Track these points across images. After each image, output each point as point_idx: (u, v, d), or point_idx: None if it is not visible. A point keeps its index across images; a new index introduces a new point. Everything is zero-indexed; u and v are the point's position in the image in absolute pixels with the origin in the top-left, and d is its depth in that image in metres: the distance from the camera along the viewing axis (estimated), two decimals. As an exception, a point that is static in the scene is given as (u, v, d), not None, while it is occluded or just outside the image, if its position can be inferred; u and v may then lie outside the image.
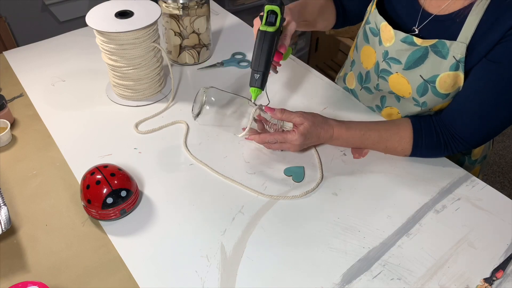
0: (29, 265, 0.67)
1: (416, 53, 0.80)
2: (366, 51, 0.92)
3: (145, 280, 0.65)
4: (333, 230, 0.73)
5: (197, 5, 1.01)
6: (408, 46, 0.81)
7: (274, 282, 0.66)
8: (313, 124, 0.80)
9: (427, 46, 0.79)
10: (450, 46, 0.76)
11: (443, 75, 0.79)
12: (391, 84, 0.88)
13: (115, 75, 0.95)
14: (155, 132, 0.91)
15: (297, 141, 0.79)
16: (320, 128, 0.81)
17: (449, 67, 0.78)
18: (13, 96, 1.00)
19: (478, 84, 0.75)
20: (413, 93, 0.85)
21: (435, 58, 0.79)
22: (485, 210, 0.76)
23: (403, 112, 0.91)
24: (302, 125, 0.79)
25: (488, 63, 0.74)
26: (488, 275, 0.67)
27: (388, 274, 0.67)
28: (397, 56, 0.83)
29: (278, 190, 0.79)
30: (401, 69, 0.84)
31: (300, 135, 0.78)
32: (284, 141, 0.79)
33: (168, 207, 0.76)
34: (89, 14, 0.90)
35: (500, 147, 2.21)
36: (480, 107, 0.76)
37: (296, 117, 0.80)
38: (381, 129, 0.83)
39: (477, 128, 0.79)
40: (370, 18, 0.89)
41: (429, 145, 0.81)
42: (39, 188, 0.79)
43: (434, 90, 0.82)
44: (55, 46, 1.16)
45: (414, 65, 0.82)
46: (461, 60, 0.76)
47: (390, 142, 0.82)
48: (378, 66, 0.89)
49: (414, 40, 0.79)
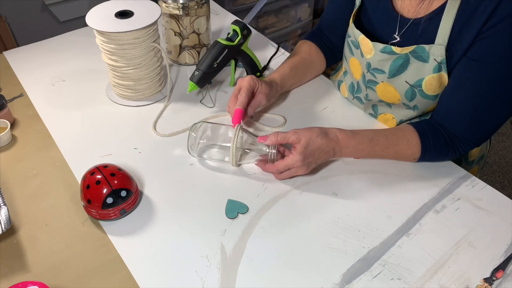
0: (29, 265, 0.67)
1: (398, 61, 0.80)
2: (353, 63, 0.92)
3: (145, 280, 0.65)
4: (333, 230, 0.73)
5: (197, 5, 1.01)
6: (388, 56, 0.81)
7: (274, 282, 0.66)
8: (310, 138, 0.76)
9: (407, 53, 0.79)
10: (430, 49, 0.76)
11: (427, 78, 0.79)
12: (379, 93, 0.88)
13: (115, 75, 0.95)
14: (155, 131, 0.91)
15: (299, 162, 0.76)
16: (320, 139, 0.77)
17: (432, 69, 0.78)
18: (13, 96, 1.00)
19: (466, 84, 0.75)
20: (402, 98, 0.85)
21: (417, 63, 0.79)
22: (485, 210, 0.76)
23: (397, 116, 0.91)
24: (298, 144, 0.76)
25: (470, 62, 0.74)
26: (488, 275, 0.67)
27: (388, 274, 0.67)
28: (380, 67, 0.83)
29: (278, 190, 0.79)
30: (386, 78, 0.84)
31: (299, 154, 0.76)
32: (287, 167, 0.77)
33: (168, 207, 0.76)
34: (89, 14, 0.90)
35: (500, 147, 2.21)
36: (475, 107, 0.76)
37: (291, 135, 0.77)
38: (387, 134, 0.82)
39: (477, 127, 0.79)
40: (349, 31, 0.90)
41: (437, 146, 0.80)
42: (39, 188, 0.79)
43: (422, 93, 0.82)
44: (55, 46, 1.16)
45: (397, 72, 0.82)
46: (443, 61, 0.76)
47: (399, 146, 0.81)
48: (364, 77, 0.89)
49: (393, 49, 0.80)
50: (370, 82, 0.88)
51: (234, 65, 1.01)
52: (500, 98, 0.75)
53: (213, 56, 0.92)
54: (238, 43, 0.94)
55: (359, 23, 0.89)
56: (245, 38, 0.95)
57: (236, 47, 0.94)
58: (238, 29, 0.94)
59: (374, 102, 0.92)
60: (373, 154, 0.82)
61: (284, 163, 0.77)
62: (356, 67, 0.91)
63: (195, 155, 0.83)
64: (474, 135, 0.80)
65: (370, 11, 0.86)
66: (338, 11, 0.97)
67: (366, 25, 0.88)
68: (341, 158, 0.85)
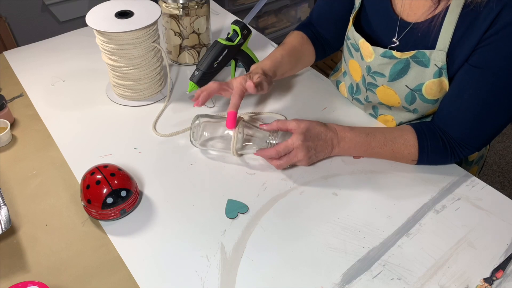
0: (29, 265, 0.67)
1: (398, 65, 0.80)
2: (353, 65, 0.92)
3: (145, 280, 0.65)
4: (333, 230, 0.73)
5: (197, 5, 1.01)
6: (388, 60, 0.81)
7: (274, 282, 0.66)
8: (310, 124, 0.79)
9: (408, 58, 0.79)
10: (430, 55, 0.76)
11: (428, 83, 0.79)
12: (379, 96, 0.88)
13: (115, 75, 0.95)
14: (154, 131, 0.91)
15: (299, 141, 0.77)
16: (319, 127, 0.79)
17: (433, 74, 0.78)
18: (13, 96, 1.00)
19: (468, 91, 0.75)
20: (402, 102, 0.85)
21: (418, 68, 0.79)
22: (485, 210, 0.76)
23: (397, 118, 0.91)
24: (298, 128, 0.78)
25: (472, 68, 0.74)
26: (488, 275, 0.67)
27: (388, 274, 0.67)
28: (380, 70, 0.83)
29: (278, 190, 0.79)
30: (386, 82, 0.84)
31: (299, 134, 0.77)
32: (287, 148, 0.77)
33: (168, 207, 0.76)
34: (89, 14, 0.90)
35: (500, 147, 2.21)
36: (476, 113, 0.76)
37: (291, 122, 0.79)
38: (384, 131, 0.82)
39: (477, 133, 0.79)
40: (349, 34, 0.89)
41: (434, 149, 0.80)
42: (39, 188, 0.79)
43: (422, 97, 0.82)
44: (55, 46, 1.16)
45: (398, 76, 0.82)
46: (443, 67, 0.76)
47: (396, 145, 0.81)
48: (364, 79, 0.89)
49: (393, 54, 0.80)
50: (370, 84, 0.88)
51: (234, 65, 1.01)
52: (502, 105, 0.75)
53: (213, 56, 0.93)
54: (238, 43, 0.95)
55: (358, 25, 0.88)
56: (245, 38, 0.96)
57: (236, 47, 0.95)
58: (238, 29, 0.94)
59: (374, 104, 0.93)
60: (370, 151, 0.82)
61: (284, 144, 0.78)
62: (355, 69, 0.91)
63: (198, 145, 0.84)
64: (475, 140, 0.80)
65: (370, 13, 0.86)
66: (329, 6, 0.96)
67: (366, 28, 0.87)
68: (341, 157, 0.85)
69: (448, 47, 0.75)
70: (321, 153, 0.81)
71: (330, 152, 0.82)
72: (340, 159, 0.85)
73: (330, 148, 0.81)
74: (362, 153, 0.83)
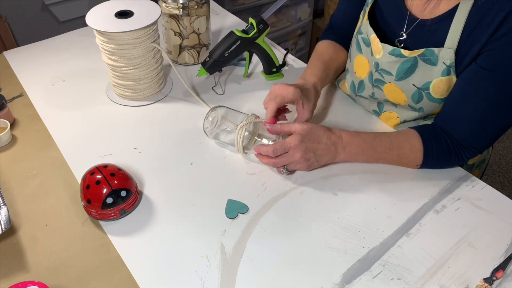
0: (29, 265, 0.67)
1: (405, 64, 0.80)
2: (360, 61, 0.91)
3: (145, 280, 0.65)
4: (333, 230, 0.73)
5: (197, 5, 1.01)
6: (396, 58, 0.81)
7: (274, 282, 0.66)
8: (313, 127, 0.78)
9: (416, 56, 0.78)
10: (439, 53, 0.76)
11: (436, 81, 0.79)
12: (386, 93, 0.88)
13: (115, 75, 0.95)
14: (155, 131, 0.91)
15: (296, 142, 0.76)
16: (322, 131, 0.78)
17: (441, 72, 0.78)
18: (13, 96, 1.00)
19: (475, 92, 0.75)
20: (409, 101, 0.85)
21: (425, 66, 0.78)
22: (485, 210, 0.76)
23: (402, 116, 0.90)
24: (301, 128, 0.78)
25: (479, 70, 0.74)
26: (488, 275, 0.67)
27: (388, 274, 0.67)
28: (387, 68, 0.83)
29: (278, 190, 0.79)
30: (393, 80, 0.84)
31: (297, 135, 0.77)
32: (284, 147, 0.77)
33: (168, 207, 0.76)
34: (89, 14, 0.90)
35: (500, 147, 2.21)
36: (481, 114, 0.76)
37: (295, 124, 0.79)
38: (390, 136, 0.82)
39: (481, 134, 0.78)
40: (362, 28, 0.89)
41: (440, 153, 0.79)
42: (39, 188, 0.79)
43: (429, 96, 0.81)
44: (55, 46, 1.16)
45: (405, 75, 0.81)
46: (451, 65, 0.76)
47: (402, 150, 0.80)
48: (372, 75, 0.89)
49: (401, 52, 0.79)
50: (377, 81, 0.88)
51: (249, 57, 1.02)
52: (508, 107, 0.74)
53: (226, 46, 0.95)
54: (253, 36, 0.96)
55: (373, 20, 0.88)
56: (260, 32, 0.97)
57: (250, 40, 0.96)
58: (255, 23, 0.95)
59: (380, 100, 0.92)
60: (376, 156, 0.81)
61: (281, 142, 0.77)
62: (362, 65, 0.91)
63: (211, 137, 0.85)
64: (478, 141, 0.79)
65: (383, 6, 0.86)
66: (350, 8, 0.96)
67: (380, 22, 0.87)
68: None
69: (456, 45, 0.75)
70: (322, 157, 0.79)
71: (334, 157, 0.81)
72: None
73: (333, 153, 0.80)
74: (368, 158, 0.82)
